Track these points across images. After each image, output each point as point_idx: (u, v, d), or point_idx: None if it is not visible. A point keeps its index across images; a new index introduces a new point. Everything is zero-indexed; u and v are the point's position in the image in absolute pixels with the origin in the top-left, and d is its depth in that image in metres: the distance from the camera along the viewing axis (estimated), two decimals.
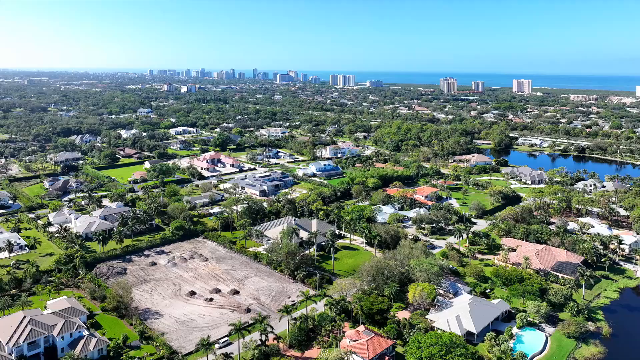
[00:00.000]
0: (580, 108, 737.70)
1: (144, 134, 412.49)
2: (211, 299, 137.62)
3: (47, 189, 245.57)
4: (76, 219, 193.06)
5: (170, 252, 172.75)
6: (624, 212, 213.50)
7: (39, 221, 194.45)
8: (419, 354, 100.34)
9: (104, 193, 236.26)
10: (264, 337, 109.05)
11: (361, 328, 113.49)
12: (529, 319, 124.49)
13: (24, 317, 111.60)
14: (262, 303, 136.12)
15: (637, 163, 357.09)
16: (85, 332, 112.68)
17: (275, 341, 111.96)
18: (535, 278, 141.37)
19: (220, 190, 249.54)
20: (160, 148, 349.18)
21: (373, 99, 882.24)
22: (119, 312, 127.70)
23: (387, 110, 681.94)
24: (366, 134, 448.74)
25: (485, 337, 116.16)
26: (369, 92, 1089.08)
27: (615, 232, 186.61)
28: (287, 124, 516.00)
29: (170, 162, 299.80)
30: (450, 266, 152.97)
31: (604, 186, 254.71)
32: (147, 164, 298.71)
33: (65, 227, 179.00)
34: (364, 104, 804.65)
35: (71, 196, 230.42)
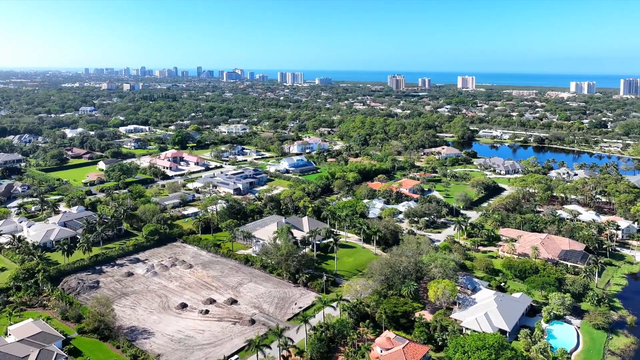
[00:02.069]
0: (525, 102, 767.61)
1: (92, 132, 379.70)
2: (207, 311, 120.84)
3: None
4: (29, 227, 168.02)
5: (147, 259, 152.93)
6: (603, 199, 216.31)
7: None
8: None
9: (57, 197, 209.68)
10: (285, 353, 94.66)
11: (390, 334, 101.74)
12: (554, 312, 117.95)
13: None
14: (266, 312, 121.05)
15: (594, 152, 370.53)
16: None
17: (299, 357, 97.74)
18: (550, 268, 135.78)
19: (190, 189, 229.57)
20: (114, 147, 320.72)
21: (326, 96, 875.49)
22: (101, 333, 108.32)
23: (343, 106, 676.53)
24: (330, 129, 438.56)
25: (519, 335, 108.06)
26: (320, 89, 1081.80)
27: (603, 218, 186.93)
28: (246, 121, 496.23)
29: (128, 162, 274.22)
30: (459, 260, 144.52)
31: (576, 174, 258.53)
32: (101, 164, 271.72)
33: (19, 236, 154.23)
34: (318, 100, 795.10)
35: (19, 201, 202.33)
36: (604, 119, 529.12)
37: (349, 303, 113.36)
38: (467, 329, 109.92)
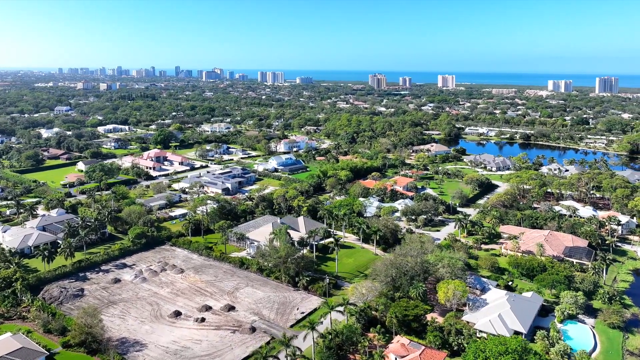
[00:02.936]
0: (505, 100, 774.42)
1: (69, 132, 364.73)
2: (203, 319, 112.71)
3: None
4: (5, 232, 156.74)
5: (134, 264, 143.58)
6: (597, 194, 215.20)
7: None
8: None
9: (35, 199, 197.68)
10: None
11: (404, 340, 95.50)
12: (568, 311, 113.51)
13: None
14: (266, 319, 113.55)
15: (579, 148, 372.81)
16: None
17: None
18: (558, 266, 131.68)
19: (176, 190, 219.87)
20: (93, 147, 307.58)
21: (308, 95, 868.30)
22: (88, 346, 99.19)
23: (326, 104, 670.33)
24: (316, 128, 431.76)
25: (535, 337, 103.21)
26: (301, 88, 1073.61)
27: (601, 213, 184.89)
28: (229, 120, 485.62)
29: (109, 162, 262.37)
30: (464, 259, 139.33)
31: (567, 170, 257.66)
32: (81, 165, 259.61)
33: None
34: (300, 99, 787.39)
35: None
36: (584, 116, 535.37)
37: (356, 307, 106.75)
38: (481, 331, 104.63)
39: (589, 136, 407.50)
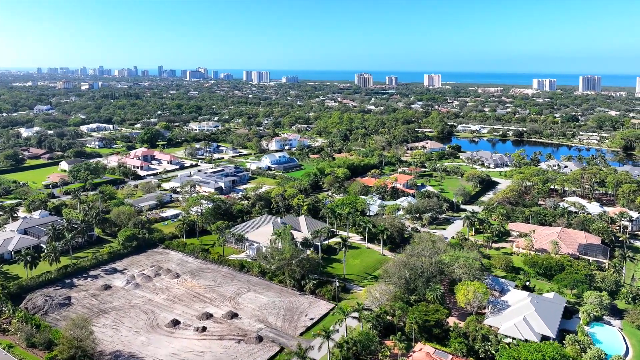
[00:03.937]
0: (492, 98, 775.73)
1: (50, 132, 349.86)
2: (204, 328, 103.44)
3: None
4: None
5: (125, 269, 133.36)
6: (601, 190, 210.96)
7: None
8: None
9: (15, 201, 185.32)
10: None
11: (429, 348, 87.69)
12: (593, 313, 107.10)
13: None
14: (273, 327, 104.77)
15: (572, 145, 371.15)
16: None
17: None
18: (577, 265, 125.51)
19: (166, 190, 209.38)
20: (76, 146, 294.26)
21: (295, 94, 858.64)
22: None
23: (314, 103, 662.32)
24: (306, 126, 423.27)
25: (564, 341, 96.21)
26: (288, 87, 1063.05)
27: (608, 209, 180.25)
28: (217, 118, 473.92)
29: (94, 161, 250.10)
30: (479, 259, 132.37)
31: (566, 166, 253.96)
32: (64, 165, 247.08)
33: None
34: (288, 98, 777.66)
35: None
36: (573, 113, 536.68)
37: (371, 313, 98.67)
38: (505, 336, 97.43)
39: (581, 133, 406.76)
